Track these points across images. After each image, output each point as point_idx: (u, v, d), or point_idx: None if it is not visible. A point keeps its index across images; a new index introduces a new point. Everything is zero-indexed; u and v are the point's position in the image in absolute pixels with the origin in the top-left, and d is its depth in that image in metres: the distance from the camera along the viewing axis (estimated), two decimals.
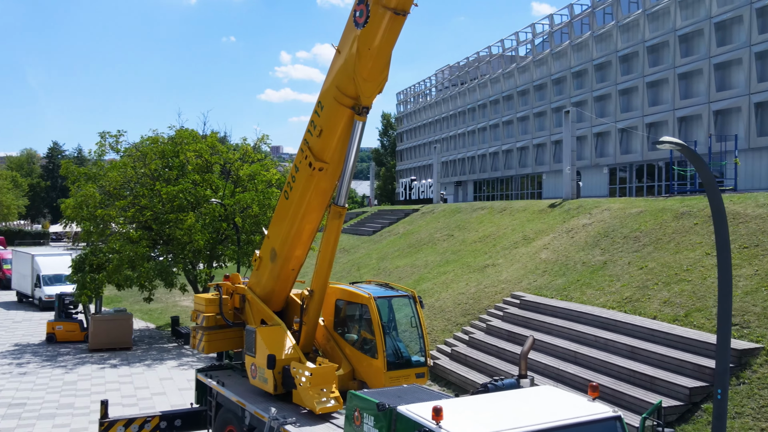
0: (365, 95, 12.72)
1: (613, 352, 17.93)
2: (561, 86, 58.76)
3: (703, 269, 20.53)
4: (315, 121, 13.63)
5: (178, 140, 32.14)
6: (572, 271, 25.52)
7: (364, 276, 42.07)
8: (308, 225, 14.63)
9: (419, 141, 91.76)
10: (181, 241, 30.21)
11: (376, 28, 12.04)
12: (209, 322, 16.16)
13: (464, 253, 36.11)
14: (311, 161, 13.57)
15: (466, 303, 27.38)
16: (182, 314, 42.01)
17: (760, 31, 38.39)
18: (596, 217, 31.31)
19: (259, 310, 15.63)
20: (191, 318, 17.04)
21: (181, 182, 31.52)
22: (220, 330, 16.36)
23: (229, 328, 16.36)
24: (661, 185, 46.79)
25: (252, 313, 15.83)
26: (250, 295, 15.94)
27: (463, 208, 48.73)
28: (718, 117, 41.51)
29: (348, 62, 12.55)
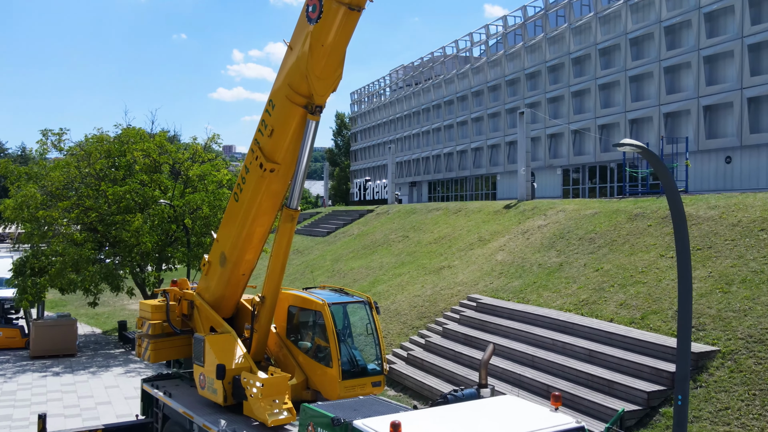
0: (318, 94, 12.20)
1: (571, 355, 17.77)
2: (515, 87, 59.05)
3: (658, 271, 20.56)
4: (266, 120, 13.04)
5: (124, 139, 31.03)
6: (528, 273, 25.40)
7: (318, 278, 41.47)
8: (259, 228, 14.04)
9: (373, 141, 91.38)
10: (129, 243, 29.16)
11: (329, 24, 11.53)
12: (155, 329, 15.41)
13: (420, 255, 35.81)
14: (262, 162, 12.99)
15: (422, 306, 27.04)
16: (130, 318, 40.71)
17: (709, 35, 39.08)
18: (551, 219, 31.34)
19: (208, 317, 14.96)
20: (136, 325, 16.27)
21: (128, 182, 30.45)
22: (167, 338, 15.62)
23: (176, 336, 15.63)
24: (613, 186, 47.32)
25: (201, 320, 15.14)
26: (199, 302, 15.25)
27: (418, 209, 48.49)
28: (668, 119, 42.13)
29: (300, 59, 12.01)
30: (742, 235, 20.40)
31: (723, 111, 38.59)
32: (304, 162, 12.77)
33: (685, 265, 11.51)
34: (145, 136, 31.58)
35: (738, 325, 15.89)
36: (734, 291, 17.39)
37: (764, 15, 36.33)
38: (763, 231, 20.05)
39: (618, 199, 31.09)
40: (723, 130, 38.68)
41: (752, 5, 36.55)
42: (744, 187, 37.18)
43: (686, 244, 11.58)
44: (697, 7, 39.60)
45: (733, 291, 17.41)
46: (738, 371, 14.59)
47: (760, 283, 17.22)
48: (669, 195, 11.35)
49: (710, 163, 39.25)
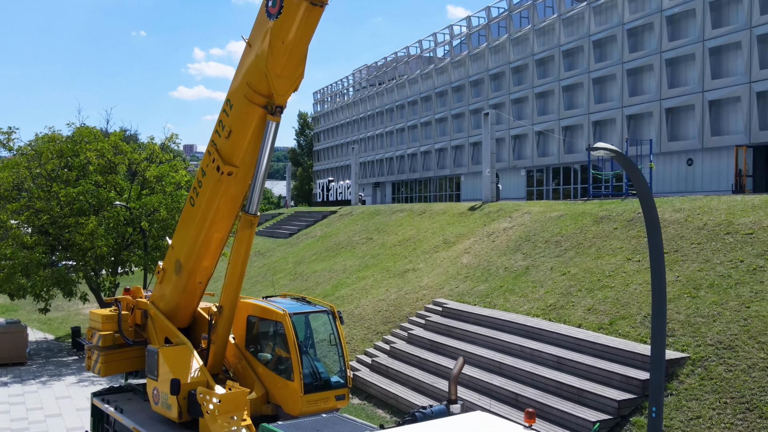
0: (279, 93, 11.57)
1: (540, 362, 17.40)
2: (479, 88, 58.92)
3: (625, 275, 20.35)
4: (223, 120, 12.36)
5: (77, 139, 29.83)
6: (495, 277, 25.04)
7: (280, 281, 40.66)
8: (217, 234, 13.35)
9: (337, 141, 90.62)
10: (82, 247, 28.03)
11: (290, 20, 10.90)
12: (106, 341, 14.58)
13: (384, 258, 35.27)
14: (219, 165, 12.31)
15: (387, 310, 26.50)
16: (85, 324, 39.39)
17: (671, 38, 39.33)
18: (517, 221, 31.09)
19: (162, 327, 14.19)
20: (86, 336, 15.39)
21: (81, 183, 29.28)
22: (119, 350, 14.81)
23: (129, 348, 14.84)
24: (576, 188, 47.44)
25: (155, 331, 14.37)
26: (153, 311, 14.48)
27: (381, 211, 47.95)
28: (631, 121, 42.33)
29: (260, 57, 11.37)
30: (708, 239, 20.30)
31: (685, 113, 38.86)
32: (264, 165, 12.12)
33: (659, 273, 11.16)
34: (99, 136, 30.40)
35: (707, 331, 15.68)
36: (702, 296, 17.20)
37: (725, 18, 36.66)
38: (728, 235, 19.96)
39: (583, 201, 30.97)
40: (685, 132, 38.97)
41: (713, 9, 36.85)
42: (705, 189, 37.49)
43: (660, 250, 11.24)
44: (659, 10, 39.82)
45: (701, 296, 17.22)
46: (708, 378, 14.34)
47: (727, 288, 17.07)
48: (642, 200, 11.00)
49: (672, 165, 39.50)
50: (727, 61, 36.57)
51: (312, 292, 34.50)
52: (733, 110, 36.06)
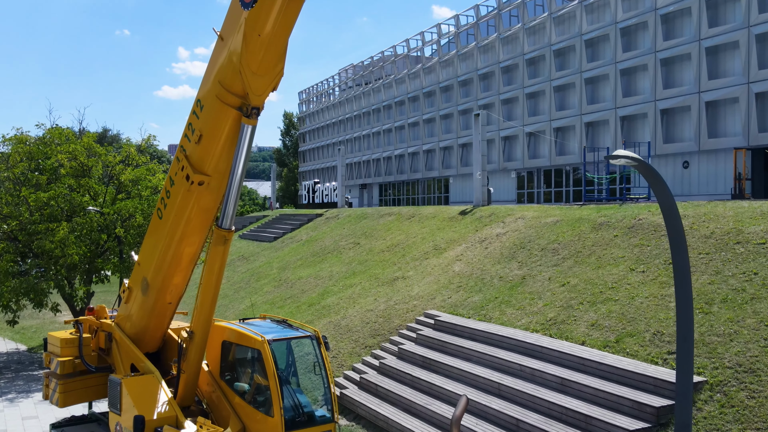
0: (255, 93, 10.19)
1: (541, 383, 16.12)
2: (467, 88, 57.74)
3: (630, 287, 19.13)
4: (193, 123, 10.97)
5: (48, 140, 28.25)
6: (489, 287, 23.77)
7: (264, 288, 39.20)
8: (188, 249, 11.97)
9: (323, 142, 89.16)
10: (53, 254, 26.46)
11: (267, 10, 9.54)
12: (65, 368, 13.14)
13: (372, 264, 33.93)
14: (189, 174, 10.93)
15: (376, 322, 25.15)
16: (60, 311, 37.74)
17: (666, 37, 38.28)
18: (510, 226, 29.85)
19: (128, 353, 12.78)
20: (44, 362, 13.94)
21: (52, 188, 27.72)
22: (80, 377, 13.36)
23: (91, 375, 13.39)
24: (569, 191, 46.34)
25: (120, 356, 12.95)
26: (118, 334, 13.05)
27: (369, 214, 46.61)
28: (624, 123, 41.26)
29: (233, 52, 9.99)
30: (716, 249, 19.13)
31: (681, 115, 37.82)
32: (239, 174, 10.75)
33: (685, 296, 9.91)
34: (71, 137, 28.81)
35: (724, 351, 14.47)
36: (716, 312, 16.00)
37: (722, 17, 35.65)
38: (739, 244, 18.81)
39: (579, 206, 29.79)
40: (680, 134, 37.93)
41: (709, 7, 35.84)
42: (702, 193, 36.49)
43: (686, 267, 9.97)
44: (654, 9, 38.78)
45: (715, 312, 16.02)
46: (729, 406, 13.13)
47: (743, 303, 15.88)
48: (667, 213, 9.75)
49: (668, 167, 38.45)
50: (725, 61, 35.56)
51: (297, 300, 33.12)
52: (731, 112, 35.05)
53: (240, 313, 34.77)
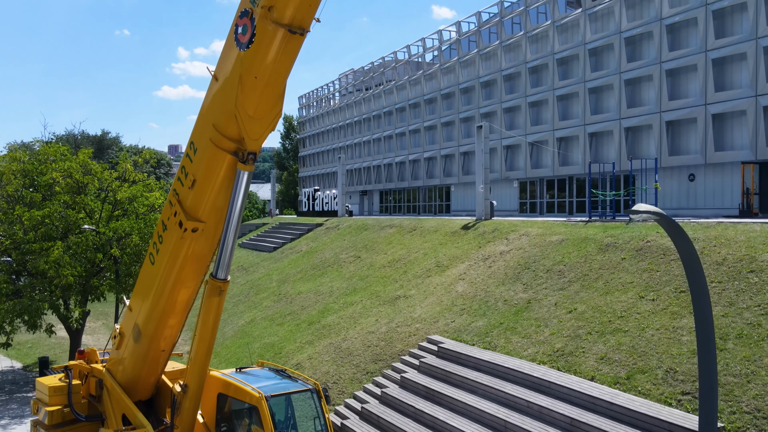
0: (251, 137, 9.61)
1: (550, 422, 15.53)
2: (469, 95, 57.10)
3: (639, 317, 18.54)
4: (186, 167, 10.39)
5: (43, 158, 27.64)
6: (493, 311, 23.17)
7: (263, 302, 38.61)
8: (181, 296, 11.40)
9: (323, 147, 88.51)
10: (47, 275, 25.87)
11: (264, 50, 8.96)
12: (54, 418, 12.55)
13: (373, 280, 33.35)
14: (182, 220, 10.34)
15: (377, 345, 24.56)
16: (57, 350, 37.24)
17: (671, 48, 37.68)
18: (514, 244, 29.27)
19: (119, 403, 12.19)
20: (32, 409, 13.33)
21: (47, 205, 27.13)
22: (70, 427, 12.77)
23: (80, 424, 12.80)
24: (572, 201, 45.72)
25: (111, 405, 12.37)
26: (109, 382, 12.47)
27: (370, 225, 46.03)
28: (629, 134, 40.65)
29: (228, 94, 9.41)
30: (729, 277, 18.54)
31: (686, 127, 37.20)
32: (235, 221, 10.17)
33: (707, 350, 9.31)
34: (66, 155, 28.20)
35: (741, 394, 13.89)
36: (731, 349, 15.41)
37: (729, 28, 35.04)
38: (752, 273, 18.22)
39: (584, 224, 29.20)
40: (686, 146, 37.30)
41: (716, 18, 35.22)
42: (709, 207, 35.88)
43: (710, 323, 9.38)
44: (659, 19, 38.16)
45: (730, 348, 15.43)
46: None
47: (759, 340, 15.29)
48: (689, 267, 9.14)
49: (673, 180, 37.82)
50: (731, 73, 34.93)
51: (297, 317, 32.54)
52: (738, 124, 34.43)
53: (238, 330, 34.21)
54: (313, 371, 24.73)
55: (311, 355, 26.31)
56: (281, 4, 8.72)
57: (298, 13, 8.85)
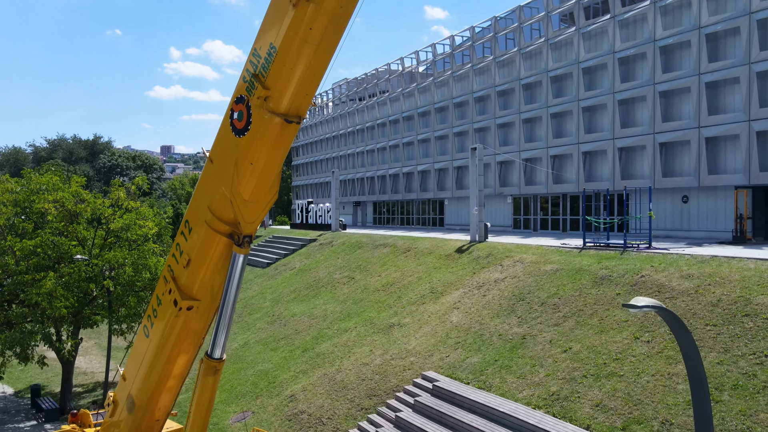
0: (247, 221, 9.54)
1: None
2: (463, 110, 57.10)
3: (635, 360, 18.54)
4: (181, 245, 10.29)
5: (35, 188, 27.46)
6: (488, 346, 23.13)
7: (257, 323, 38.44)
8: (176, 368, 11.30)
9: (316, 157, 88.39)
10: (40, 306, 25.69)
11: (260, 138, 8.90)
12: None
13: (367, 304, 33.26)
14: (177, 299, 10.25)
15: (372, 379, 24.49)
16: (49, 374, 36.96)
17: (664, 69, 37.75)
18: (508, 271, 29.25)
19: None
20: None
21: (39, 234, 26.93)
22: None
23: None
24: (566, 219, 45.75)
25: None
26: None
27: (364, 243, 45.94)
28: (622, 154, 40.71)
29: (223, 177, 9.34)
30: (724, 320, 18.56)
31: (680, 149, 37.27)
32: (231, 302, 10.09)
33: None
34: (58, 185, 28.01)
35: None
36: (726, 401, 15.41)
37: (722, 52, 35.13)
38: (747, 317, 18.24)
39: (578, 251, 29.20)
40: (680, 168, 37.38)
41: (709, 41, 35.30)
42: (701, 229, 35.97)
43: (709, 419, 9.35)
44: (652, 40, 38.23)
45: (725, 401, 15.43)
46: None
47: (755, 393, 15.30)
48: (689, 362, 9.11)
49: (666, 201, 37.89)
50: (725, 97, 35.03)
51: (291, 342, 32.42)
52: (731, 148, 34.52)
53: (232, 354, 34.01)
54: (307, 404, 24.65)
55: (305, 387, 26.21)
56: (277, 94, 8.65)
57: (294, 102, 8.79)
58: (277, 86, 8.63)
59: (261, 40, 8.76)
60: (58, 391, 32.67)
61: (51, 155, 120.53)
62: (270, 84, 8.63)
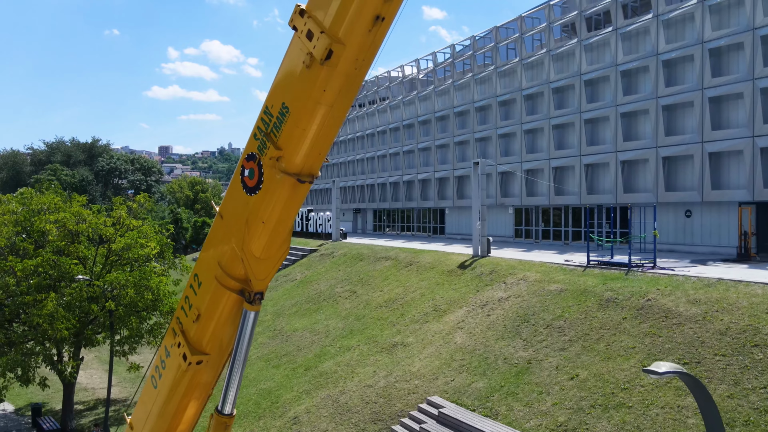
0: (258, 278, 9.35)
1: None
2: (464, 119, 57.01)
3: (643, 390, 18.39)
4: (190, 298, 10.10)
5: (36, 208, 27.27)
6: (493, 370, 22.97)
7: (258, 338, 38.24)
8: (187, 416, 11.10)
9: None
10: (41, 328, 25.49)
11: (272, 197, 8.71)
12: None
13: (369, 321, 33.10)
14: (186, 353, 10.05)
15: (376, 402, 24.32)
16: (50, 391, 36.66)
17: (667, 83, 37.64)
18: (512, 290, 29.10)
19: None
20: None
21: (40, 253, 26.74)
22: None
23: None
24: (568, 231, 45.63)
25: None
26: None
27: (365, 255, 45.77)
28: (625, 167, 40.60)
29: (234, 235, 9.15)
30: (733, 350, 18.41)
31: (683, 163, 37.17)
32: (242, 360, 9.89)
33: None
34: (60, 205, 27.82)
35: None
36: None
37: (725, 68, 35.03)
38: (756, 348, 18.10)
39: (582, 269, 29.06)
40: (683, 183, 37.28)
41: (712, 56, 35.19)
42: (705, 243, 35.87)
43: None
44: (655, 54, 38.12)
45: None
46: None
47: (767, 429, 15.14)
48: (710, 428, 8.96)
49: (669, 215, 37.78)
50: (728, 112, 34.93)
51: (293, 359, 32.25)
52: (735, 164, 34.41)
53: None
54: (311, 427, 24.48)
55: (309, 408, 26.04)
56: (289, 154, 8.47)
57: (308, 162, 8.61)
58: (289, 147, 8.44)
59: (273, 99, 8.58)
60: (58, 408, 32.49)
61: (49, 158, 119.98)
62: (282, 144, 8.44)
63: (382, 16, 7.64)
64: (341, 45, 7.72)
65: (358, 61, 8.02)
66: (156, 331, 27.57)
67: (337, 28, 7.69)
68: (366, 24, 7.67)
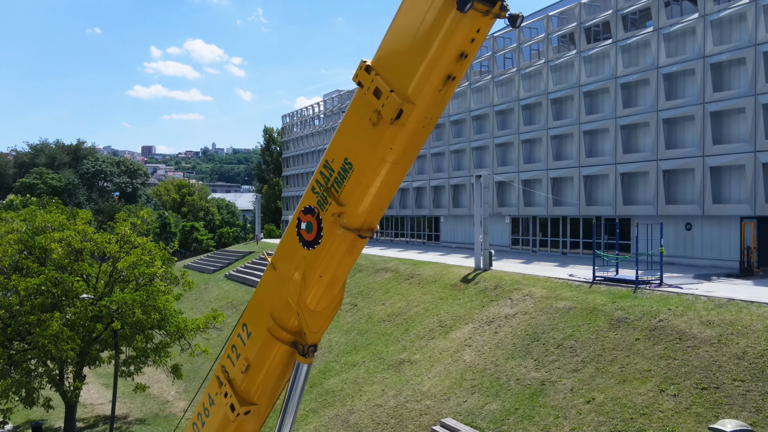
0: (312, 330, 9.18)
1: None
2: (459, 127, 57.02)
3: (663, 416, 18.41)
4: (238, 348, 9.93)
5: (40, 225, 26.88)
6: (506, 391, 22.93)
7: None
8: None
9: (307, 168, 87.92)
10: (46, 349, 25.13)
11: (331, 252, 8.57)
12: None
13: (373, 336, 32.97)
14: (234, 404, 9.88)
15: (387, 423, 24.20)
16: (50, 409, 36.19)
17: (668, 96, 37.84)
18: (519, 306, 29.09)
19: None
20: None
21: (43, 271, 26.36)
22: None
23: None
24: (566, 241, 45.75)
25: None
26: None
27: (363, 266, 45.61)
28: (624, 179, 40.78)
29: (289, 287, 8.99)
30: (752, 376, 18.48)
31: (683, 177, 37.39)
32: (293, 411, 9.74)
33: None
34: (64, 223, 27.43)
35: None
36: None
37: (726, 82, 35.27)
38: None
39: (589, 285, 29.09)
40: (683, 196, 37.49)
41: (714, 70, 35.42)
42: (706, 257, 36.08)
43: None
44: (655, 67, 38.31)
45: None
46: None
47: None
48: None
49: (669, 227, 37.95)
50: (729, 126, 35.17)
51: None
52: (737, 178, 34.64)
53: None
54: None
55: (317, 428, 25.87)
56: (351, 211, 8.34)
57: (369, 218, 8.49)
58: (351, 203, 8.31)
59: (334, 153, 8.43)
60: (57, 426, 32.08)
61: (33, 161, 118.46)
62: (344, 200, 8.31)
63: (453, 76, 7.53)
64: (411, 104, 7.61)
65: (426, 119, 7.92)
66: (161, 350, 27.26)
67: (407, 88, 7.57)
68: (438, 84, 7.56)
